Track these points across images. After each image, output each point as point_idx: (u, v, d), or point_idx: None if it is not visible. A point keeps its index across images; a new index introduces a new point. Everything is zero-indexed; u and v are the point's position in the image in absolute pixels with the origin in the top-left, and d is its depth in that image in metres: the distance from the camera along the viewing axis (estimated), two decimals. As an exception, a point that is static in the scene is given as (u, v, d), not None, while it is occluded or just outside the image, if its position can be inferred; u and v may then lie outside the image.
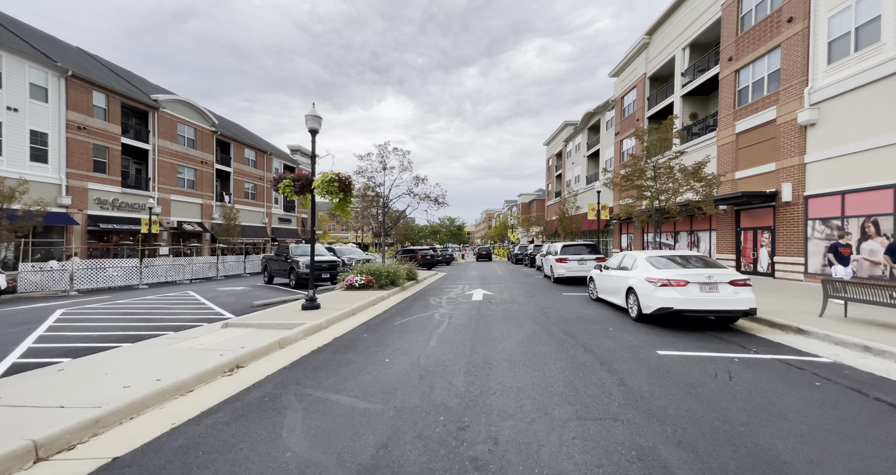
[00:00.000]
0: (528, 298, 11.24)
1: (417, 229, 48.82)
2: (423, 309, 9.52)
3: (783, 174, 14.98)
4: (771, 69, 15.98)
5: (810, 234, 13.91)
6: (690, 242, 21.11)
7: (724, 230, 18.16)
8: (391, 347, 5.73)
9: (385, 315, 8.70)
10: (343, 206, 9.05)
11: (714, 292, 6.66)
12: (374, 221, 16.29)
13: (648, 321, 7.53)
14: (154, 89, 30.38)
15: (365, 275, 13.00)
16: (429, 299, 11.38)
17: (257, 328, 7.09)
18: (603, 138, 33.29)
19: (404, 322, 7.80)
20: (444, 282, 17.02)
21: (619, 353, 5.36)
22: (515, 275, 20.14)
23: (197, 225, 29.62)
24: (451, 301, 10.90)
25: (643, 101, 26.18)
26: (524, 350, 5.57)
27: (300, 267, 14.75)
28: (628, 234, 28.54)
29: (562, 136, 45.18)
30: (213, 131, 31.76)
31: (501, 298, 11.35)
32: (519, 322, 7.71)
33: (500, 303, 10.26)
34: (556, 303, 10.25)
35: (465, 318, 8.11)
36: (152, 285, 17.80)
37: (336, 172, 8.50)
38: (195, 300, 12.04)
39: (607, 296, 9.51)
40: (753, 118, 16.50)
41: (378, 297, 11.07)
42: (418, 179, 15.22)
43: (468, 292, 13.02)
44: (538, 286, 14.61)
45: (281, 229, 42.31)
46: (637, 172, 14.07)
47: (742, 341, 6.04)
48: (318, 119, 8.74)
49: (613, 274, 9.07)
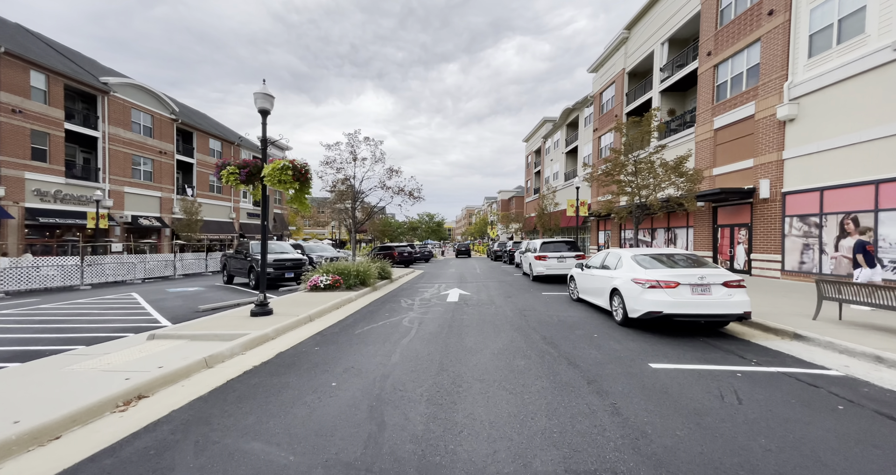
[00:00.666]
0: (506, 299, 10.52)
1: (396, 225, 47.62)
2: (392, 313, 8.64)
3: (761, 170, 14.83)
4: (750, 64, 15.79)
5: (787, 231, 13.80)
6: (667, 239, 21.00)
7: (701, 227, 18.04)
8: (343, 365, 4.83)
9: (347, 321, 7.76)
10: (300, 198, 8.03)
11: (706, 294, 6.07)
12: (347, 216, 15.21)
13: (635, 326, 6.91)
14: (106, 72, 27.97)
15: (331, 275, 11.98)
16: (400, 301, 10.49)
17: (190, 340, 6.03)
18: (581, 135, 33.08)
19: (367, 330, 6.90)
20: (420, 281, 16.15)
21: (608, 368, 4.66)
22: (494, 273, 19.48)
23: (155, 220, 27.57)
24: (425, 303, 10.05)
25: (622, 96, 25.95)
26: (500, 365, 4.79)
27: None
28: (605, 230, 28.43)
29: (541, 132, 44.91)
30: (174, 119, 29.60)
31: (478, 299, 10.59)
32: (496, 328, 6.94)
33: (477, 305, 9.49)
34: (535, 304, 9.56)
35: (437, 324, 7.28)
36: (96, 286, 16.13)
37: (290, 159, 7.47)
38: (134, 304, 10.72)
39: (589, 296, 8.88)
40: (732, 114, 16.32)
41: (344, 300, 10.10)
42: (392, 172, 14.25)
43: (444, 292, 12.20)
44: (517, 285, 13.96)
45: (250, 225, 40.30)
46: (617, 167, 13.56)
47: (738, 349, 5.47)
48: (270, 98, 7.66)
49: (596, 273, 8.43)
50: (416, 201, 14.97)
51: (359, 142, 13.72)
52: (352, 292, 11.39)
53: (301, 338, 6.26)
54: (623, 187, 13.23)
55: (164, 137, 28.82)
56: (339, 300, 9.88)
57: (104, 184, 23.90)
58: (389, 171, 14.19)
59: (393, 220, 50.98)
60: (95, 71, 26.20)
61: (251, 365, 4.85)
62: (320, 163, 14.25)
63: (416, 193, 14.72)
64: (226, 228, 35.76)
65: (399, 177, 14.31)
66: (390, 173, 14.20)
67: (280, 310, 8.29)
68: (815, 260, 12.66)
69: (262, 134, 7.77)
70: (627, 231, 25.07)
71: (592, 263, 9.06)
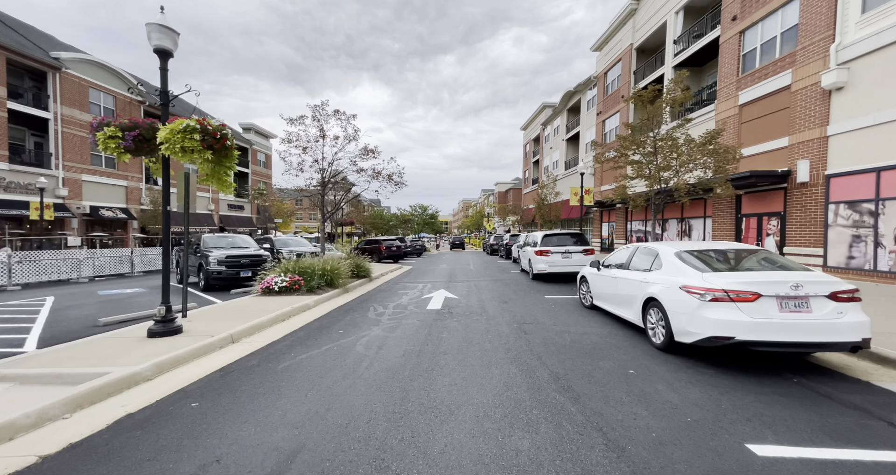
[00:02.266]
0: (501, 305, 8.46)
1: (388, 218, 45.42)
2: (350, 329, 6.55)
3: (798, 150, 12.75)
4: (785, 26, 13.62)
5: (832, 221, 11.78)
6: (680, 231, 18.99)
7: (722, 217, 16.00)
8: (209, 453, 2.74)
9: (282, 343, 5.67)
10: (219, 174, 5.89)
11: (804, 312, 4.02)
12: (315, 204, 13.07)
13: (681, 351, 4.87)
14: (64, 49, 25.36)
15: (290, 275, 9.88)
16: (370, 309, 8.41)
17: (17, 384, 3.94)
18: (584, 119, 30.84)
19: (299, 361, 4.81)
20: (404, 280, 14.07)
21: (678, 454, 2.61)
22: (489, 270, 17.42)
23: (120, 211, 25.26)
24: (399, 312, 7.98)
25: (629, 75, 23.71)
26: (488, 447, 2.74)
27: (211, 262, 11.41)
28: (610, 222, 26.41)
29: (540, 119, 42.60)
30: (141, 102, 27.10)
31: (467, 306, 8.53)
32: (485, 356, 4.88)
33: (464, 316, 7.43)
34: (537, 313, 7.51)
35: (403, 350, 5.21)
36: (30, 286, 13.95)
37: (198, 118, 5.31)
38: (31, 312, 8.56)
39: (609, 305, 6.82)
40: (761, 86, 14.18)
41: (298, 308, 8.01)
42: (367, 151, 12.03)
43: (427, 295, 10.13)
44: (514, 284, 11.91)
45: (231, 217, 38.02)
46: (633, 145, 11.43)
47: (869, 403, 3.43)
48: (171, 33, 5.46)
49: (620, 276, 6.36)
50: (398, 188, 12.83)
51: (327, 116, 11.53)
52: (313, 296, 9.30)
53: (189, 379, 4.17)
54: (640, 169, 11.12)
55: (129, 121, 26.29)
56: (291, 309, 7.78)
57: (57, 171, 21.54)
58: (365, 150, 11.99)
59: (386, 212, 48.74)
60: (51, 47, 23.61)
61: (44, 451, 2.75)
62: (281, 141, 12.03)
63: (398, 178, 12.56)
64: (204, 221, 33.45)
65: (376, 158, 12.16)
66: (366, 153, 12.00)
67: (197, 326, 6.19)
68: (869, 254, 10.67)
69: (162, 84, 5.58)
70: (635, 222, 23.05)
71: (613, 261, 6.99)
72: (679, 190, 10.66)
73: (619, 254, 6.99)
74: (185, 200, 6.83)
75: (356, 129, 11.91)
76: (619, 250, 7.05)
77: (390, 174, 12.31)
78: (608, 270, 6.93)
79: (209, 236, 12.82)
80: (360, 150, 12.03)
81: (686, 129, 11.74)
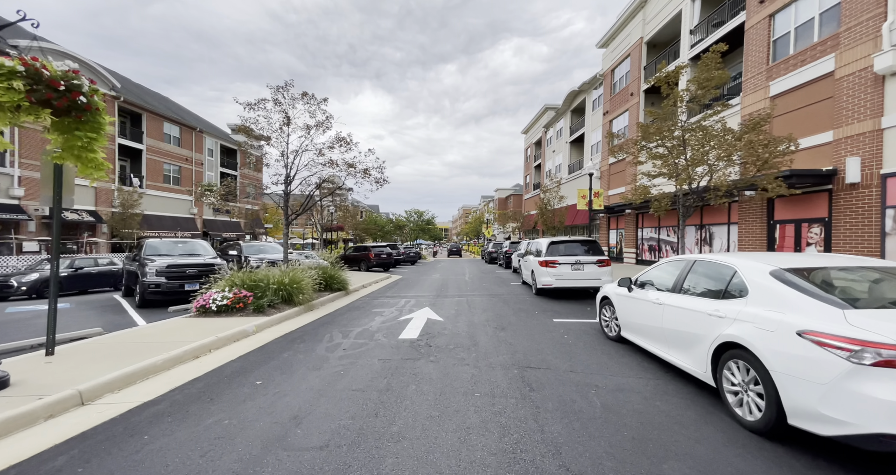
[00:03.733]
0: (496, 333, 6.49)
1: (382, 223, 43.43)
2: (275, 376, 4.58)
3: (846, 145, 10.90)
4: (824, 6, 11.87)
5: (890, 229, 9.90)
6: (699, 239, 17.07)
7: (749, 223, 14.10)
8: None
9: (154, 408, 3.69)
10: (74, 147, 3.97)
11: None
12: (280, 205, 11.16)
13: (799, 440, 2.90)
14: (29, 37, 23.67)
15: (234, 290, 7.92)
16: (325, 337, 6.44)
17: None
18: (589, 120, 29.13)
19: (145, 455, 2.84)
20: (387, 293, 12.10)
21: None
22: (485, 282, 15.45)
23: (87, 213, 23.33)
24: (361, 343, 6.00)
25: (639, 70, 22.00)
26: None
27: (148, 273, 9.45)
28: (618, 229, 24.51)
29: (542, 121, 40.96)
30: (115, 97, 25.36)
31: (452, 333, 6.56)
32: (465, 449, 2.90)
33: (445, 351, 5.46)
34: (546, 348, 5.54)
35: (333, 429, 3.24)
36: (-50, 298, 11.96)
37: (23, 57, 3.41)
38: None
39: (649, 342, 4.84)
40: (798, 74, 12.39)
41: (228, 337, 6.04)
42: (340, 141, 10.11)
43: (406, 315, 8.16)
44: (514, 301, 9.94)
45: (217, 222, 36.06)
46: (658, 133, 9.57)
47: None
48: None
49: (669, 302, 4.39)
50: (378, 186, 10.91)
51: (293, 99, 9.66)
52: (259, 317, 7.35)
53: None
54: (666, 164, 9.23)
55: (101, 117, 24.51)
56: (216, 339, 5.81)
57: (12, 168, 19.64)
58: (338, 140, 10.07)
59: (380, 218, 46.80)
60: (10, 35, 21.87)
61: None
62: (232, 130, 10.18)
63: (377, 173, 10.65)
64: (185, 225, 31.50)
65: (350, 149, 10.22)
66: (339, 143, 10.06)
67: (49, 371, 4.21)
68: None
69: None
70: (646, 229, 21.14)
71: (653, 280, 5.03)
72: (719, 188, 8.76)
73: (661, 269, 5.04)
74: (55, 192, 4.90)
75: (328, 115, 10.04)
76: (662, 264, 5.11)
77: (367, 168, 10.40)
78: (645, 292, 4.98)
79: (156, 241, 10.87)
80: (334, 139, 10.11)
81: (720, 116, 9.89)
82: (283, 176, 10.11)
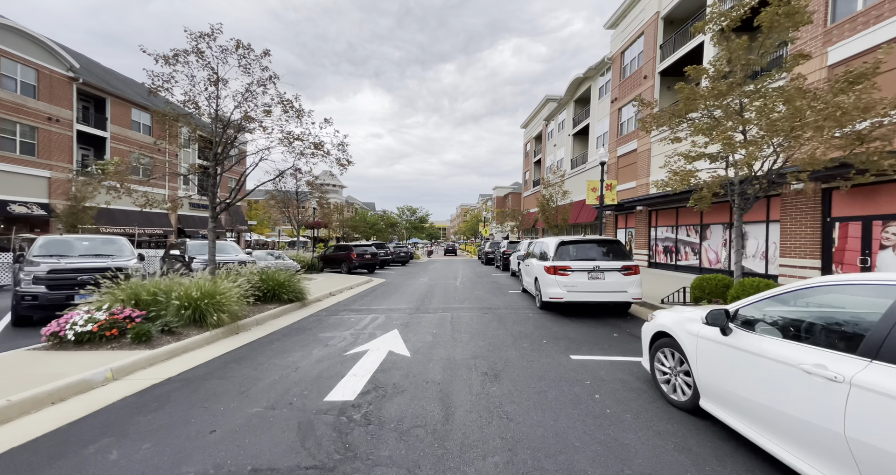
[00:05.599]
0: (485, 387, 4.10)
1: (372, 221, 40.93)
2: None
3: (939, 122, 8.49)
4: (906, -52, 9.47)
5: None
6: (728, 240, 14.69)
7: (797, 221, 11.72)
8: None
9: None
10: None
11: None
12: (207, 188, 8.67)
13: None
14: None
15: (118, 307, 5.53)
16: (197, 402, 4.03)
17: None
18: (594, 110, 26.72)
19: None
20: (352, 306, 9.69)
21: None
22: (479, 288, 13.05)
23: (37, 206, 20.86)
24: (249, 419, 3.60)
25: (654, 50, 19.59)
26: None
27: (24, 281, 7.03)
28: (627, 228, 22.12)
29: (542, 114, 38.56)
30: (73, 78, 22.85)
31: (417, 388, 4.15)
32: None
33: (391, 438, 3.08)
34: (571, 436, 3.15)
35: None
36: None
37: None
38: None
39: (779, 438, 2.42)
40: (866, 35, 10.00)
41: (52, 393, 3.63)
42: (284, 104, 7.58)
43: (357, 348, 5.75)
44: (514, 320, 7.53)
45: (194, 218, 33.58)
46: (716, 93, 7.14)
47: None
48: None
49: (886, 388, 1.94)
50: (343, 169, 8.44)
51: (223, 52, 7.19)
52: (139, 351, 4.94)
53: None
54: (725, 136, 6.75)
55: (56, 100, 22.04)
56: (11, 404, 3.40)
57: (-60, 154, 17.15)
58: (281, 101, 7.55)
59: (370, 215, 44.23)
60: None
61: None
62: (149, 90, 7.71)
63: (339, 153, 8.15)
64: (157, 221, 29.00)
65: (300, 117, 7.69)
66: (282, 106, 7.51)
67: None
68: None
69: None
70: (661, 228, 18.74)
71: (790, 320, 2.61)
72: (814, 162, 6.32)
73: (805, 297, 2.63)
74: None
75: (273, 74, 7.58)
76: (801, 289, 2.67)
77: (318, 142, 7.90)
78: (771, 342, 2.57)
79: (48, 239, 8.42)
80: (277, 101, 7.61)
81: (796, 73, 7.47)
82: (213, 156, 7.69)
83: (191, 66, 7.46)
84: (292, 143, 7.79)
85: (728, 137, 6.69)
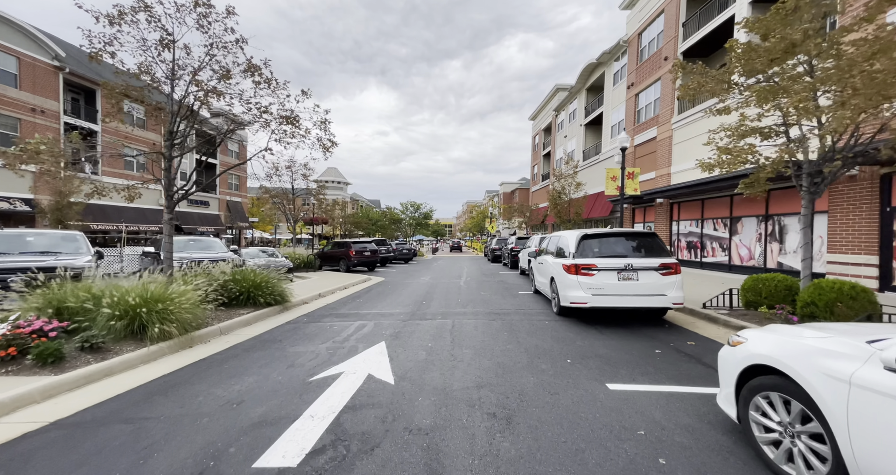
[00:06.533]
0: (489, 445, 2.81)
1: (375, 217, 39.74)
2: None
3: None
4: None
5: None
6: (763, 234, 13.20)
7: (848, 211, 10.23)
8: None
9: None
10: None
11: None
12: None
13: None
14: None
15: (10, 324, 4.33)
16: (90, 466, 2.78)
17: None
18: (609, 97, 25.16)
19: None
20: (340, 309, 8.45)
21: None
22: (485, 288, 11.76)
23: (21, 202, 19.95)
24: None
25: (675, 29, 18.02)
26: None
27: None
28: (645, 222, 20.62)
29: (552, 104, 36.95)
30: (59, 68, 21.86)
31: (392, 448, 2.88)
32: None
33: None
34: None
35: None
36: None
37: None
38: None
39: None
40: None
41: None
42: (251, 70, 6.33)
43: (328, 370, 4.49)
44: (528, 331, 6.24)
45: (192, 215, 32.66)
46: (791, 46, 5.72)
47: None
48: None
49: None
50: (328, 152, 7.19)
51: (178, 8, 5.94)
52: (43, 377, 3.73)
53: None
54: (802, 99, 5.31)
55: (40, 90, 21.07)
56: None
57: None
58: (249, 68, 6.31)
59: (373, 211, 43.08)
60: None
61: None
62: (89, 55, 6.51)
63: (320, 130, 6.89)
64: (151, 218, 28.05)
65: (277, 94, 6.42)
66: (246, 69, 6.24)
67: None
68: None
69: None
70: (684, 222, 17.26)
71: None
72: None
73: None
74: None
75: (240, 36, 6.34)
76: None
77: (291, 116, 6.64)
78: None
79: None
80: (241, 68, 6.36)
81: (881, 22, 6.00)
82: (167, 129, 6.51)
83: (139, 26, 6.21)
84: (261, 116, 6.53)
85: (804, 99, 5.25)
